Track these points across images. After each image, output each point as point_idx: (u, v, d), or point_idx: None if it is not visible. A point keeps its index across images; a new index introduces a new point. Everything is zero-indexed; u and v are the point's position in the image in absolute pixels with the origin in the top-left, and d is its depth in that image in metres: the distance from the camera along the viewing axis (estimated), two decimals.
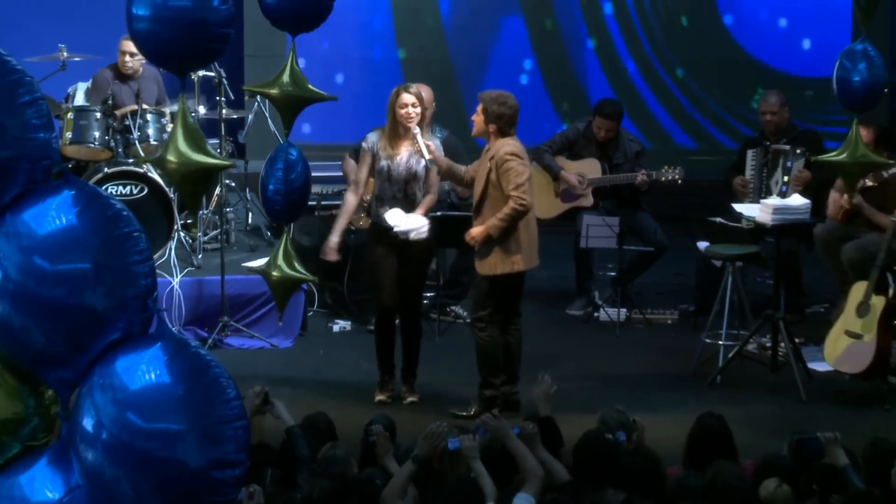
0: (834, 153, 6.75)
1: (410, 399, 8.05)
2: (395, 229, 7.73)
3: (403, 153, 7.80)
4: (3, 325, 2.63)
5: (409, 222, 7.76)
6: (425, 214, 7.88)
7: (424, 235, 7.84)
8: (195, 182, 5.30)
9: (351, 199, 8.01)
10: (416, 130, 7.69)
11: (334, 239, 7.94)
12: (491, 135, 7.59)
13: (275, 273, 6.28)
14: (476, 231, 7.61)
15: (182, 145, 5.11)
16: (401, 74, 12.27)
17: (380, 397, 8.04)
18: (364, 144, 7.92)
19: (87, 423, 2.54)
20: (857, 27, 11.95)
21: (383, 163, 7.80)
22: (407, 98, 7.70)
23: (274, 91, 6.12)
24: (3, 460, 2.74)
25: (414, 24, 12.49)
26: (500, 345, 7.75)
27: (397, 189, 7.82)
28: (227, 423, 2.55)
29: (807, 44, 12.79)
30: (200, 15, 4.70)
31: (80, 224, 2.60)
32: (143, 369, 2.54)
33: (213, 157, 5.50)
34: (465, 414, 7.65)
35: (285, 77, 6.11)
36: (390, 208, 7.81)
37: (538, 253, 7.79)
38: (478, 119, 7.65)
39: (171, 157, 5.16)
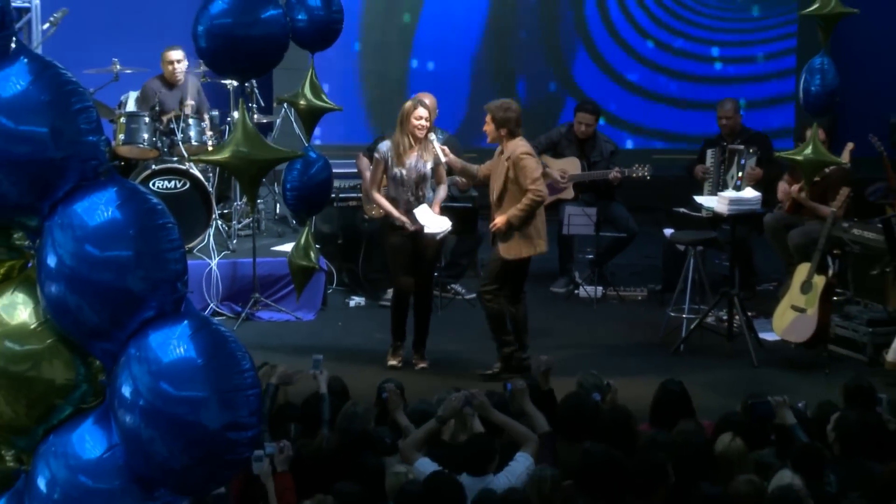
0: (795, 150, 6.69)
1: (421, 365, 8.02)
2: (426, 230, 7.70)
3: (412, 158, 7.74)
4: (60, 304, 2.63)
5: (437, 224, 7.74)
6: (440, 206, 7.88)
7: (447, 233, 7.85)
8: (253, 173, 5.31)
9: (377, 194, 7.90)
10: (433, 137, 7.65)
11: (401, 216, 7.76)
12: (503, 138, 7.57)
13: (295, 261, 6.29)
14: (500, 220, 7.59)
15: (242, 144, 5.13)
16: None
17: (392, 362, 8.02)
18: (377, 154, 7.86)
19: (126, 391, 2.55)
20: (801, 35, 11.89)
21: (396, 170, 7.74)
22: (421, 112, 7.65)
23: (301, 103, 6.13)
24: (56, 420, 2.74)
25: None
26: (505, 311, 7.76)
27: (410, 192, 7.77)
28: (241, 391, 2.56)
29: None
30: (266, 31, 4.87)
31: (122, 216, 2.60)
32: (174, 344, 2.55)
33: (278, 150, 5.51)
34: (490, 373, 7.64)
35: (306, 90, 6.11)
36: (406, 210, 7.76)
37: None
38: (489, 128, 7.64)
39: (229, 154, 5.18)
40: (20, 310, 2.75)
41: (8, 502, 2.78)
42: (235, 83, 9.47)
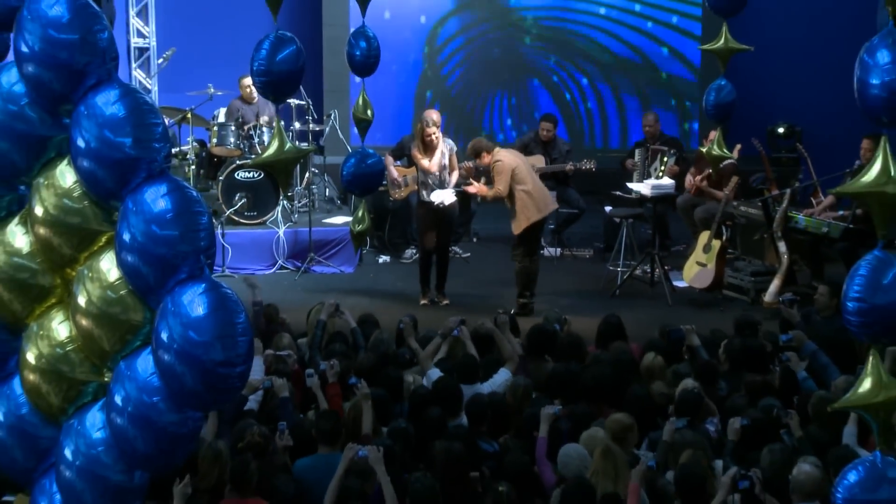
0: (708, 148, 6.50)
1: (445, 302, 7.96)
2: (436, 202, 7.72)
3: (437, 156, 7.75)
4: (133, 270, 2.63)
5: (445, 196, 7.78)
6: (454, 187, 7.92)
7: (454, 202, 7.88)
8: (284, 168, 5.21)
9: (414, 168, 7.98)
10: (448, 141, 7.77)
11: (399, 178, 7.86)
12: (489, 157, 7.58)
13: (354, 227, 6.26)
14: (479, 189, 7.79)
15: (277, 148, 5.03)
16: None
17: (423, 301, 7.98)
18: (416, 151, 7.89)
19: (164, 336, 2.53)
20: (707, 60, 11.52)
21: (424, 162, 7.77)
22: (430, 130, 7.68)
23: (360, 115, 6.05)
24: (129, 350, 2.73)
25: None
26: (528, 270, 7.66)
27: (435, 178, 7.76)
28: (233, 337, 2.52)
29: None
30: (284, 68, 4.82)
31: (173, 205, 2.59)
32: (197, 301, 2.52)
33: (299, 148, 5.41)
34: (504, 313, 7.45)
35: (360, 104, 6.02)
36: (430, 189, 7.78)
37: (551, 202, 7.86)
38: (480, 162, 7.67)
39: (268, 155, 5.08)
40: (115, 269, 2.71)
41: (102, 408, 2.78)
42: (296, 102, 9.41)
